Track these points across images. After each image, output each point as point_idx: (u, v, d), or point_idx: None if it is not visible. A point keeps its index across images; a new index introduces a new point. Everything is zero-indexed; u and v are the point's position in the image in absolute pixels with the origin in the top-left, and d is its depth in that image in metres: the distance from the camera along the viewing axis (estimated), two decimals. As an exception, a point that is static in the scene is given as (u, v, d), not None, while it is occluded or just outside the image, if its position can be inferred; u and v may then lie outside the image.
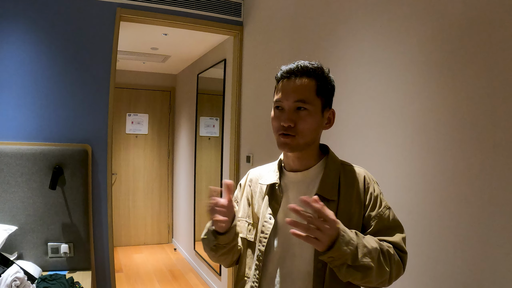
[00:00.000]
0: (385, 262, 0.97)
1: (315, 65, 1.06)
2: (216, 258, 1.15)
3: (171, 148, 5.58)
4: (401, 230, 1.07)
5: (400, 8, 1.57)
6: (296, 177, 1.10)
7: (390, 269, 0.98)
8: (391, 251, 1.00)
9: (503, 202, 1.16)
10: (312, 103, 1.03)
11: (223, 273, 3.56)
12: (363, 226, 1.06)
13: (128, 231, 5.34)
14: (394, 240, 1.03)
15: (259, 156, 2.81)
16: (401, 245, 1.03)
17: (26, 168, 2.25)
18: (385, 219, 1.05)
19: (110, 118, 2.60)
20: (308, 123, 1.03)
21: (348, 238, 0.91)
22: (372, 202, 1.06)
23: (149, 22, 2.82)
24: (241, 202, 1.24)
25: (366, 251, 0.93)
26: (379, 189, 1.10)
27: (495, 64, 1.20)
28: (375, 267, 0.93)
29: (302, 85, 1.03)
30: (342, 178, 1.08)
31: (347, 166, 1.12)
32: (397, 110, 1.58)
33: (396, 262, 1.00)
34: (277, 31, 2.57)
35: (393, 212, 1.08)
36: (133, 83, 5.33)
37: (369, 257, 0.93)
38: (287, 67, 1.07)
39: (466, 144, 1.29)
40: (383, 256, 0.97)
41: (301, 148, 1.05)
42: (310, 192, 1.06)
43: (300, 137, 1.03)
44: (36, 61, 2.42)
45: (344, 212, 1.04)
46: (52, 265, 2.26)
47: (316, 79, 1.05)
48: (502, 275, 1.16)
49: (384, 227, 1.04)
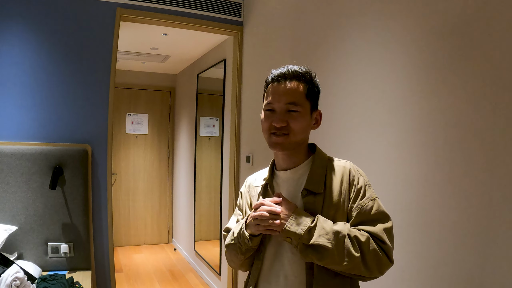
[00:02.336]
0: (352, 246, 0.99)
1: (304, 69, 1.12)
2: (242, 262, 1.20)
3: (171, 148, 5.58)
4: (385, 221, 1.07)
5: (400, 8, 1.57)
6: (285, 175, 1.15)
7: (362, 255, 1.00)
8: (362, 238, 1.01)
9: (503, 202, 1.16)
10: (302, 105, 1.09)
11: (223, 273, 3.56)
12: (348, 218, 1.08)
13: (128, 231, 5.34)
14: (372, 230, 1.04)
15: (259, 156, 2.81)
16: (380, 235, 1.03)
17: (26, 168, 2.25)
18: (367, 210, 1.06)
19: (110, 118, 2.60)
20: (299, 123, 1.09)
21: (301, 220, 1.02)
22: (355, 193, 1.08)
23: (149, 22, 2.82)
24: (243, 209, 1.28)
25: (323, 232, 1.00)
26: (364, 181, 1.11)
27: (495, 63, 1.20)
28: (334, 249, 0.98)
29: (292, 88, 1.09)
30: (328, 173, 1.12)
31: (334, 161, 1.16)
32: (396, 110, 1.58)
33: (372, 251, 1.01)
34: (277, 31, 2.57)
35: (379, 203, 1.09)
36: (133, 83, 5.33)
37: (325, 238, 0.99)
38: (277, 71, 1.12)
39: (465, 143, 1.29)
40: (350, 241, 1.00)
41: (293, 147, 1.11)
42: (299, 188, 1.12)
43: (293, 135, 1.08)
44: (36, 61, 2.42)
45: (330, 204, 1.08)
46: (52, 265, 2.26)
47: (305, 83, 1.11)
48: (503, 274, 1.16)
49: (366, 218, 1.06)
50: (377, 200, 1.09)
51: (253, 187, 1.26)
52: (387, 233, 1.05)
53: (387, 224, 1.06)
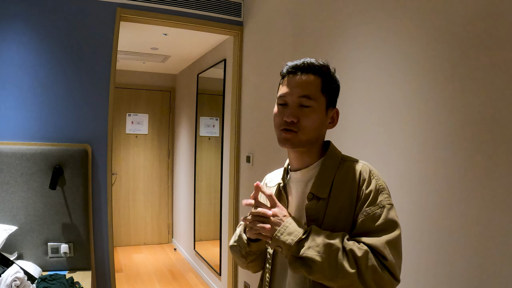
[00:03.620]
0: (347, 261, 0.89)
1: (321, 62, 1.05)
2: (245, 264, 1.15)
3: (171, 148, 5.58)
4: (390, 231, 0.94)
5: (402, 8, 1.57)
6: (296, 176, 1.09)
7: (359, 271, 0.89)
8: (359, 253, 0.90)
9: (504, 202, 1.16)
10: (316, 100, 1.02)
11: (223, 273, 3.56)
12: (353, 225, 0.98)
13: (128, 231, 5.35)
14: (372, 243, 0.92)
15: (259, 156, 2.81)
16: (381, 249, 0.91)
17: (26, 168, 2.25)
18: (372, 219, 0.95)
19: (110, 118, 2.60)
20: (311, 120, 1.01)
21: (292, 229, 0.95)
22: (362, 198, 0.98)
23: (149, 22, 2.82)
24: None
25: (314, 244, 0.92)
26: (376, 185, 0.99)
27: (499, 64, 1.20)
28: (324, 262, 0.90)
29: (307, 81, 1.02)
30: (337, 175, 1.03)
31: (346, 162, 1.06)
32: (399, 110, 1.58)
33: (370, 267, 0.89)
34: (277, 31, 2.57)
35: (388, 212, 0.96)
36: (133, 83, 5.33)
37: (315, 250, 0.91)
38: (293, 63, 1.05)
39: (468, 144, 1.29)
40: (345, 255, 0.90)
41: (303, 145, 1.03)
42: (307, 191, 1.04)
43: (302, 133, 1.01)
44: (36, 61, 2.42)
45: (333, 210, 1.00)
46: (52, 265, 2.26)
47: (322, 76, 1.03)
48: (503, 274, 1.16)
49: (370, 228, 0.95)
50: (387, 208, 0.96)
51: (268, 187, 1.19)
52: (391, 246, 0.92)
53: (391, 235, 0.93)
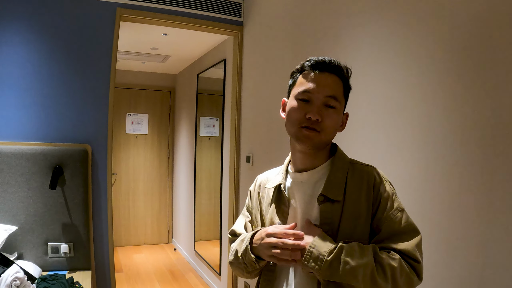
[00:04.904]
0: (383, 278, 0.90)
1: (344, 65, 1.03)
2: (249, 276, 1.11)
3: (171, 148, 5.58)
4: (415, 235, 0.97)
5: (403, 9, 1.57)
6: (302, 177, 1.05)
7: (394, 282, 0.91)
8: (395, 264, 0.91)
9: (505, 201, 1.16)
10: (340, 102, 1.00)
11: (223, 273, 3.56)
12: (372, 229, 0.98)
13: (128, 231, 5.35)
14: (405, 248, 0.93)
15: (259, 156, 2.81)
16: (413, 253, 0.93)
17: (26, 168, 2.25)
18: (396, 223, 0.96)
19: (110, 118, 2.60)
20: (333, 121, 0.99)
21: (317, 253, 0.91)
22: (381, 203, 0.98)
23: (149, 22, 2.82)
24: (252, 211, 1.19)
25: (348, 268, 0.89)
26: (391, 189, 1.00)
27: (500, 64, 1.20)
28: (360, 283, 0.89)
29: (335, 82, 1.00)
30: (349, 177, 1.01)
31: (356, 164, 1.05)
32: (400, 112, 1.58)
33: (405, 276, 0.92)
34: (277, 31, 2.57)
35: (407, 215, 0.99)
36: (133, 83, 5.33)
37: (349, 274, 0.89)
38: (318, 59, 1.01)
39: (471, 145, 1.29)
40: (382, 271, 0.90)
41: (322, 146, 1.01)
42: (316, 193, 1.01)
43: (324, 134, 0.98)
44: (36, 61, 2.42)
45: (350, 214, 0.97)
46: (52, 265, 2.26)
47: (343, 79, 1.03)
48: (503, 274, 1.16)
49: (395, 232, 0.96)
50: (405, 211, 0.99)
51: (264, 188, 1.14)
52: (419, 248, 0.96)
53: (418, 238, 0.96)
